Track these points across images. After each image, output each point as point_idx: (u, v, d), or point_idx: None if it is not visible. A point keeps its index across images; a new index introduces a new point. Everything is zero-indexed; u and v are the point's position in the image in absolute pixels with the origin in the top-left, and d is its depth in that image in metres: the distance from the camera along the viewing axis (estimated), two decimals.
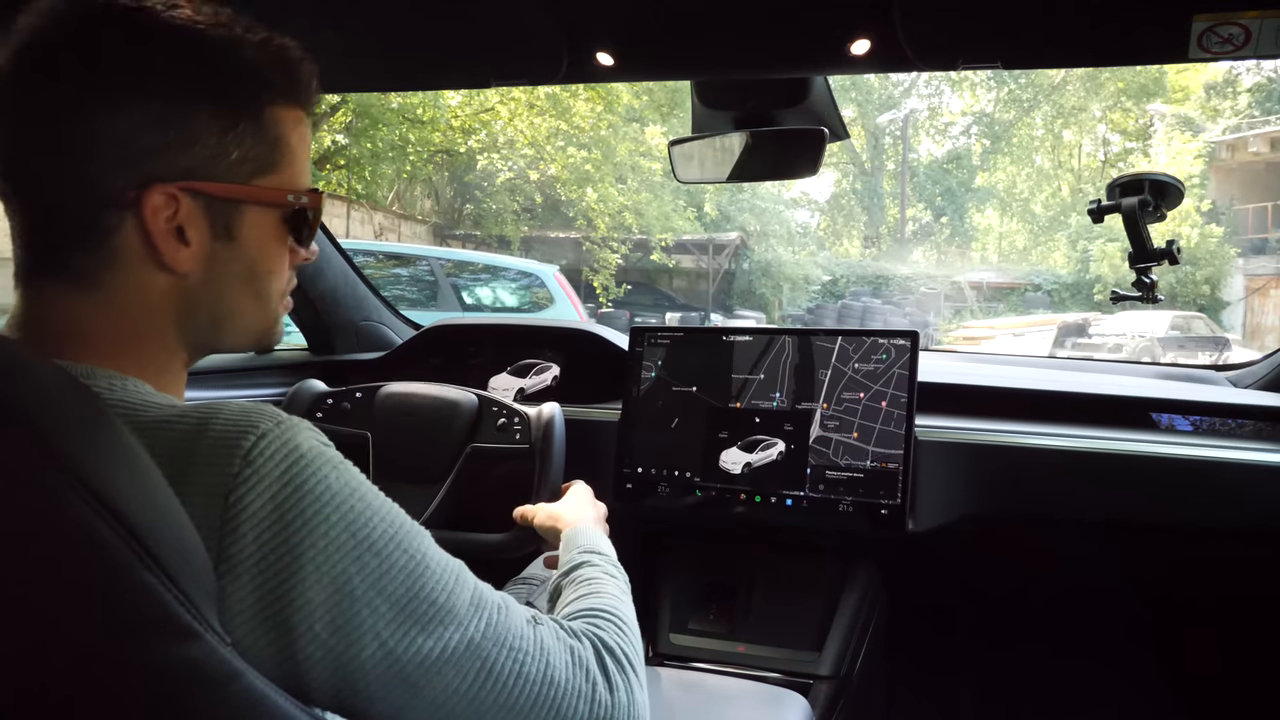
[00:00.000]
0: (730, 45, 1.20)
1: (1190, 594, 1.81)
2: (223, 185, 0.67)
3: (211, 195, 0.66)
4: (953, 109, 29.50)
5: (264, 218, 0.70)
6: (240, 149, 0.67)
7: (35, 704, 0.51)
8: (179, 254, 0.66)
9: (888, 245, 27.77)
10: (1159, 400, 1.62)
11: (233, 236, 0.69)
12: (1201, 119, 22.28)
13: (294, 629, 0.57)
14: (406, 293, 7.88)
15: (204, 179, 0.66)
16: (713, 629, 1.66)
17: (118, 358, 0.66)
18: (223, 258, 0.69)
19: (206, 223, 0.67)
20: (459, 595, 0.64)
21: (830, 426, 1.58)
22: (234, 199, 0.68)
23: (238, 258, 0.70)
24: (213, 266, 0.68)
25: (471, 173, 17.54)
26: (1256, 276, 18.24)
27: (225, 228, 0.68)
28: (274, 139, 0.69)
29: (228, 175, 0.67)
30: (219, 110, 0.66)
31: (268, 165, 0.69)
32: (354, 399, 1.62)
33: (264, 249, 0.71)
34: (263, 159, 0.69)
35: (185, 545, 0.54)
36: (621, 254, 16.86)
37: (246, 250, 0.70)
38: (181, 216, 0.65)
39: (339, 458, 0.62)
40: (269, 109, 0.69)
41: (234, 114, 0.66)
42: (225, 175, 0.67)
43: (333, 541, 0.58)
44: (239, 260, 0.70)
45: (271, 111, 0.69)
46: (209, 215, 0.67)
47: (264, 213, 0.70)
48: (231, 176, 0.67)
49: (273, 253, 0.72)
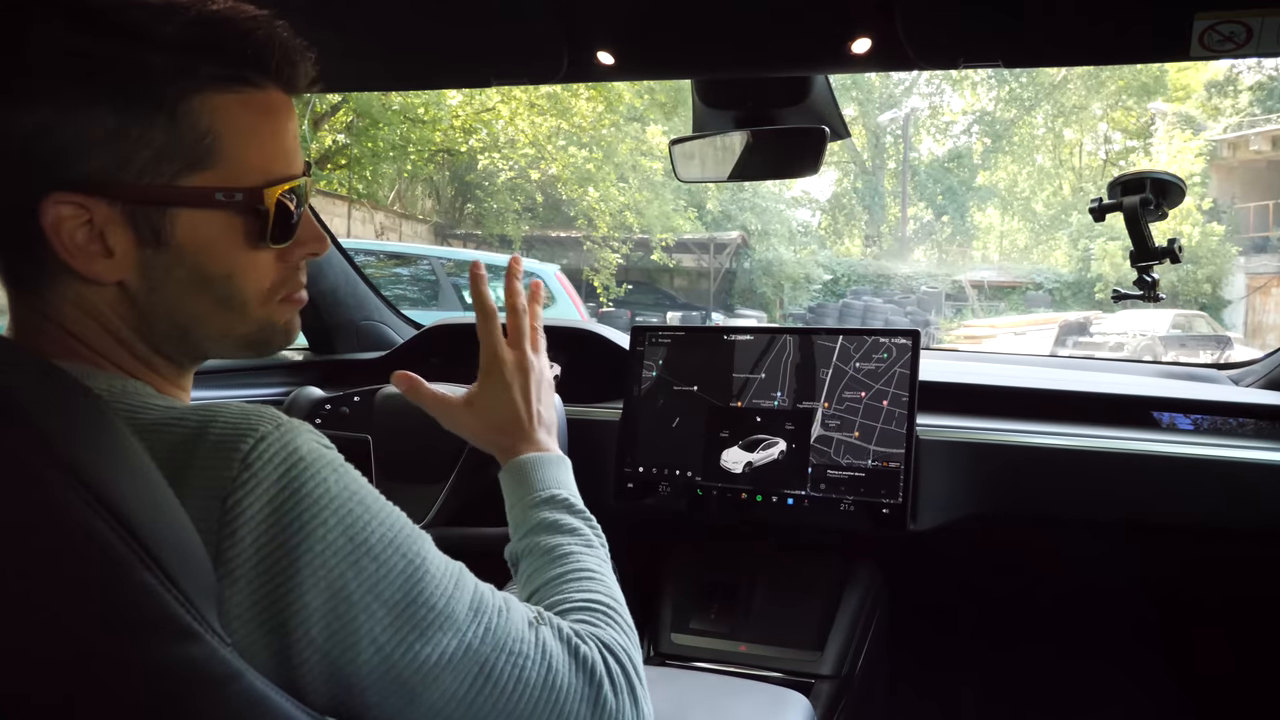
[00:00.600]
0: (731, 44, 1.20)
1: (1194, 593, 1.81)
2: (135, 188, 0.60)
3: (127, 200, 0.61)
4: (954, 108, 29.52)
5: (203, 219, 0.63)
6: (152, 148, 0.60)
7: (35, 704, 0.51)
8: (97, 264, 0.62)
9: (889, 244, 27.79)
10: (1161, 399, 1.62)
11: (164, 242, 0.63)
12: (1203, 117, 22.27)
13: (290, 633, 0.57)
14: (408, 292, 7.88)
15: (112, 183, 0.60)
16: (714, 628, 1.65)
17: (113, 359, 0.66)
18: (159, 264, 0.63)
19: (129, 229, 0.61)
20: (458, 600, 0.63)
21: (831, 426, 1.58)
22: (154, 202, 0.61)
23: (178, 264, 0.64)
24: (151, 274, 0.64)
25: (473, 172, 17.55)
26: (1258, 275, 18.24)
27: (153, 233, 0.62)
28: (201, 132, 0.62)
29: (142, 177, 0.60)
30: (124, 106, 0.59)
31: (196, 161, 0.62)
32: (352, 403, 1.62)
33: (212, 252, 0.64)
34: (189, 156, 0.61)
35: (185, 546, 0.54)
36: (622, 253, 16.87)
37: (186, 255, 0.64)
38: (99, 224, 0.60)
39: (339, 460, 0.61)
40: (192, 98, 0.61)
41: (144, 108, 0.60)
42: (139, 177, 0.60)
43: (330, 546, 0.58)
44: (180, 266, 0.64)
45: (196, 101, 0.61)
46: (130, 221, 0.61)
47: (200, 214, 0.63)
48: (147, 178, 0.61)
49: (226, 254, 0.65)
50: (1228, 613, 1.80)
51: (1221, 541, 1.64)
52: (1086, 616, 1.89)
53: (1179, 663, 1.82)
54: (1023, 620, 1.92)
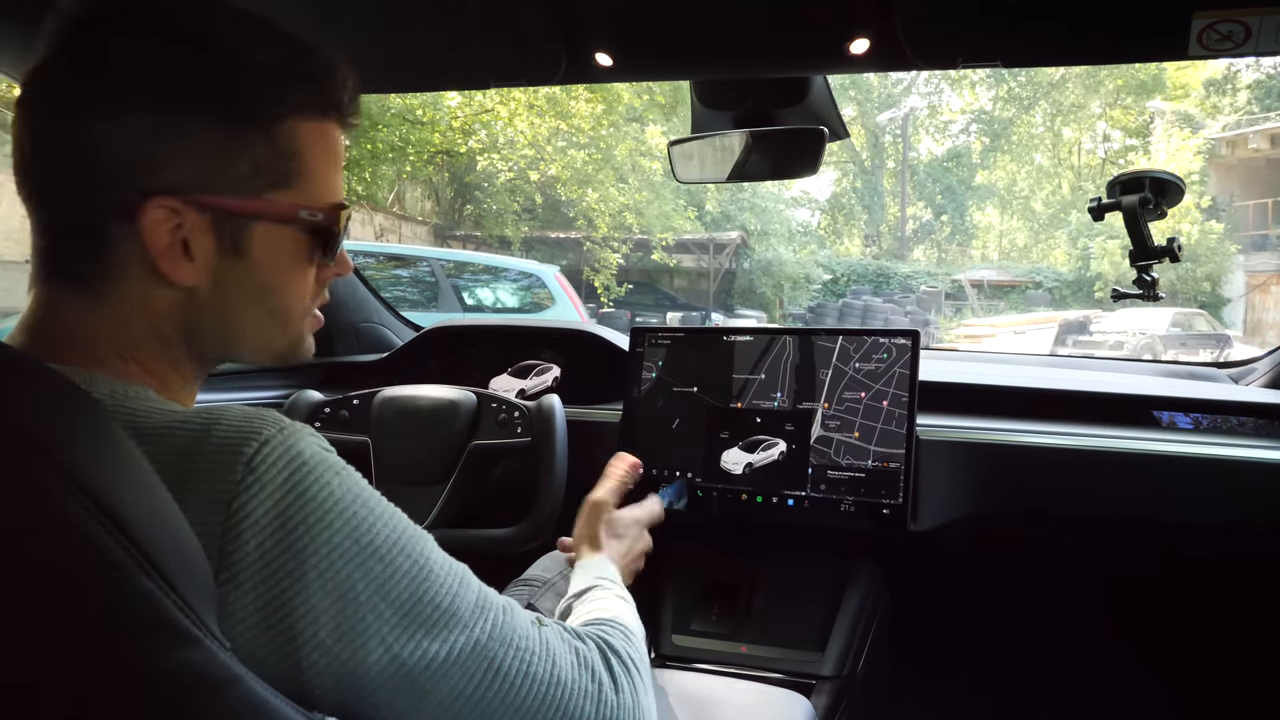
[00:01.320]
0: (729, 45, 1.20)
1: (1198, 593, 1.80)
2: (230, 200, 0.64)
3: (218, 209, 0.64)
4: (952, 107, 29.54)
5: (278, 233, 0.68)
6: (250, 162, 0.65)
7: (36, 708, 0.51)
8: (181, 269, 0.64)
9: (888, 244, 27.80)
10: (1161, 398, 1.62)
11: (242, 252, 0.66)
12: (1201, 116, 22.29)
13: (298, 635, 0.57)
14: (407, 294, 7.88)
15: (210, 192, 0.63)
16: (715, 630, 1.65)
17: (121, 364, 0.66)
18: (232, 273, 0.66)
19: (213, 237, 0.65)
20: (463, 598, 0.64)
21: (831, 426, 1.58)
22: (243, 214, 0.65)
23: (249, 274, 0.67)
24: (221, 282, 0.66)
25: (472, 173, 17.54)
26: (1257, 273, 18.24)
27: (234, 243, 0.66)
28: (289, 153, 0.66)
29: (236, 189, 0.64)
30: (227, 121, 0.63)
31: (282, 180, 0.67)
32: (351, 406, 1.62)
33: (277, 265, 0.68)
34: (276, 173, 0.66)
35: (184, 551, 0.54)
36: (622, 254, 16.87)
37: (258, 267, 0.67)
38: (186, 230, 0.63)
39: (341, 463, 0.62)
40: (285, 122, 0.66)
41: (244, 126, 0.64)
42: (233, 189, 0.64)
43: (336, 548, 0.58)
44: (250, 277, 0.67)
45: (288, 125, 0.66)
46: (216, 229, 0.65)
47: (277, 229, 0.67)
48: (240, 190, 0.65)
49: (289, 269, 0.69)
50: (1232, 611, 1.80)
51: (1215, 540, 1.64)
52: (1085, 615, 1.88)
53: (1179, 662, 1.82)
54: (1025, 620, 1.91)
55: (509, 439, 1.55)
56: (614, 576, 0.97)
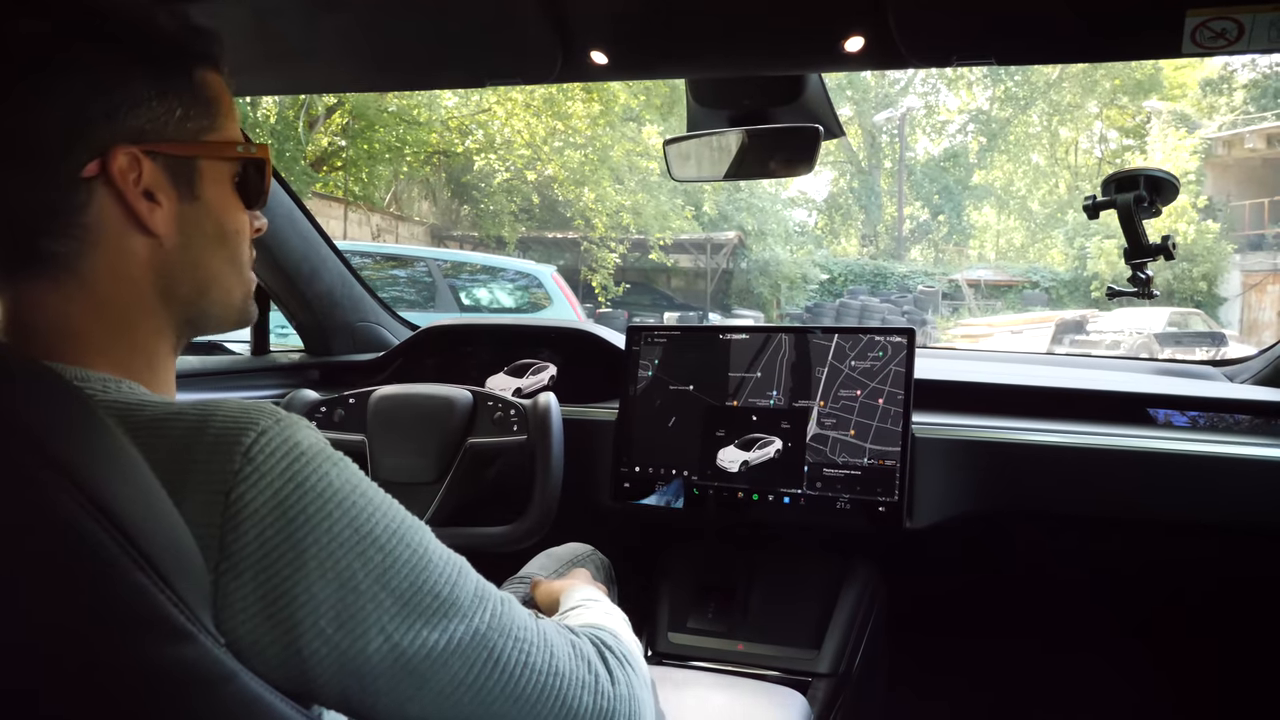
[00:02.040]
0: (724, 43, 1.20)
1: (1192, 589, 1.81)
2: (176, 144, 0.68)
3: (169, 155, 0.67)
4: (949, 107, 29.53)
5: (220, 174, 0.72)
6: (182, 107, 0.68)
7: (30, 705, 0.51)
8: (155, 214, 0.67)
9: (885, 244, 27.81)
10: (1156, 396, 1.62)
11: (196, 195, 0.70)
12: (1198, 115, 22.32)
13: (299, 625, 0.57)
14: (404, 294, 7.89)
15: (157, 139, 0.66)
16: (711, 628, 1.65)
17: (110, 355, 0.66)
18: (192, 218, 0.70)
19: (170, 183, 0.68)
20: (462, 588, 0.64)
21: (827, 424, 1.58)
22: (189, 156, 0.69)
23: (205, 217, 0.71)
24: (184, 229, 0.69)
25: (469, 174, 17.55)
26: (1253, 272, 18.27)
27: (189, 186, 0.69)
28: (209, 99, 0.71)
29: (178, 134, 0.68)
30: (151, 73, 0.66)
31: (210, 124, 0.70)
32: (347, 405, 1.62)
33: (226, 207, 0.72)
34: (203, 117, 0.70)
35: (179, 546, 0.54)
36: (619, 254, 16.86)
37: (212, 209, 0.71)
38: (146, 179, 0.66)
39: (338, 454, 0.62)
40: (196, 71, 0.70)
41: (166, 76, 0.67)
42: (175, 134, 0.68)
43: (336, 537, 0.58)
44: (208, 219, 0.71)
45: (200, 74, 0.70)
46: (171, 175, 0.68)
47: (219, 168, 0.71)
48: (182, 135, 0.68)
49: (235, 211, 0.73)
50: (1227, 608, 1.80)
51: (1209, 537, 1.65)
52: (1080, 612, 1.89)
53: (1173, 658, 1.83)
54: (1020, 617, 1.92)
55: (505, 437, 1.55)
56: (597, 596, 0.97)
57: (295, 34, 0.67)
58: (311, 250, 1.93)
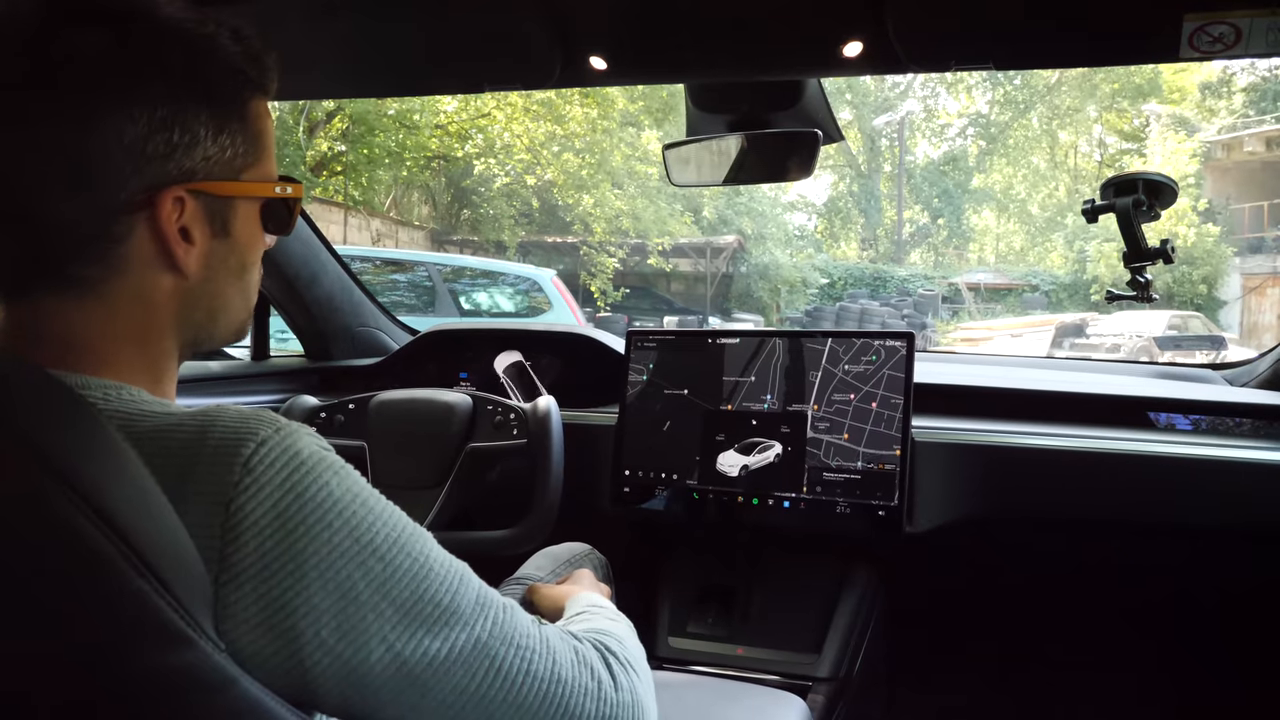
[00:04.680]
0: (722, 48, 1.20)
1: (1191, 593, 1.81)
2: (222, 184, 0.67)
3: (212, 194, 0.67)
4: (949, 111, 29.57)
5: (251, 210, 0.71)
6: (233, 146, 0.68)
7: (33, 710, 0.52)
8: (188, 255, 0.66)
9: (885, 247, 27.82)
10: (1156, 399, 1.62)
11: (228, 233, 0.69)
12: (1197, 119, 22.34)
13: (300, 635, 0.57)
14: (404, 298, 7.90)
15: (206, 179, 0.66)
16: (711, 632, 1.65)
17: (115, 364, 0.65)
18: (219, 254, 0.69)
19: (207, 221, 0.67)
20: (463, 596, 0.64)
21: (821, 428, 1.58)
22: (231, 196, 0.68)
23: (231, 252, 0.70)
24: (211, 264, 0.69)
25: (468, 178, 17.55)
26: (1253, 275, 18.27)
27: (223, 225, 0.69)
28: (256, 132, 0.70)
29: (224, 173, 0.67)
30: (214, 109, 0.66)
31: (254, 159, 0.70)
32: (347, 410, 1.62)
33: (252, 241, 0.72)
34: (249, 153, 0.69)
35: (180, 553, 0.54)
36: (619, 258, 16.86)
37: (238, 244, 0.71)
38: (186, 218, 0.65)
39: (340, 462, 0.62)
40: (250, 103, 0.69)
41: (226, 111, 0.67)
42: (223, 173, 0.67)
43: (336, 547, 0.58)
44: (233, 255, 0.71)
45: (251, 105, 0.69)
46: (208, 214, 0.67)
47: (251, 206, 0.71)
48: (228, 174, 0.68)
49: (258, 244, 0.73)
50: (1222, 612, 1.80)
51: (1209, 540, 1.65)
52: (1083, 616, 1.89)
53: (1172, 661, 1.83)
54: (1020, 620, 1.92)
55: (505, 441, 1.55)
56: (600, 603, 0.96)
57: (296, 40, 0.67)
58: (311, 255, 1.93)
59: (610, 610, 0.92)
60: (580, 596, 0.99)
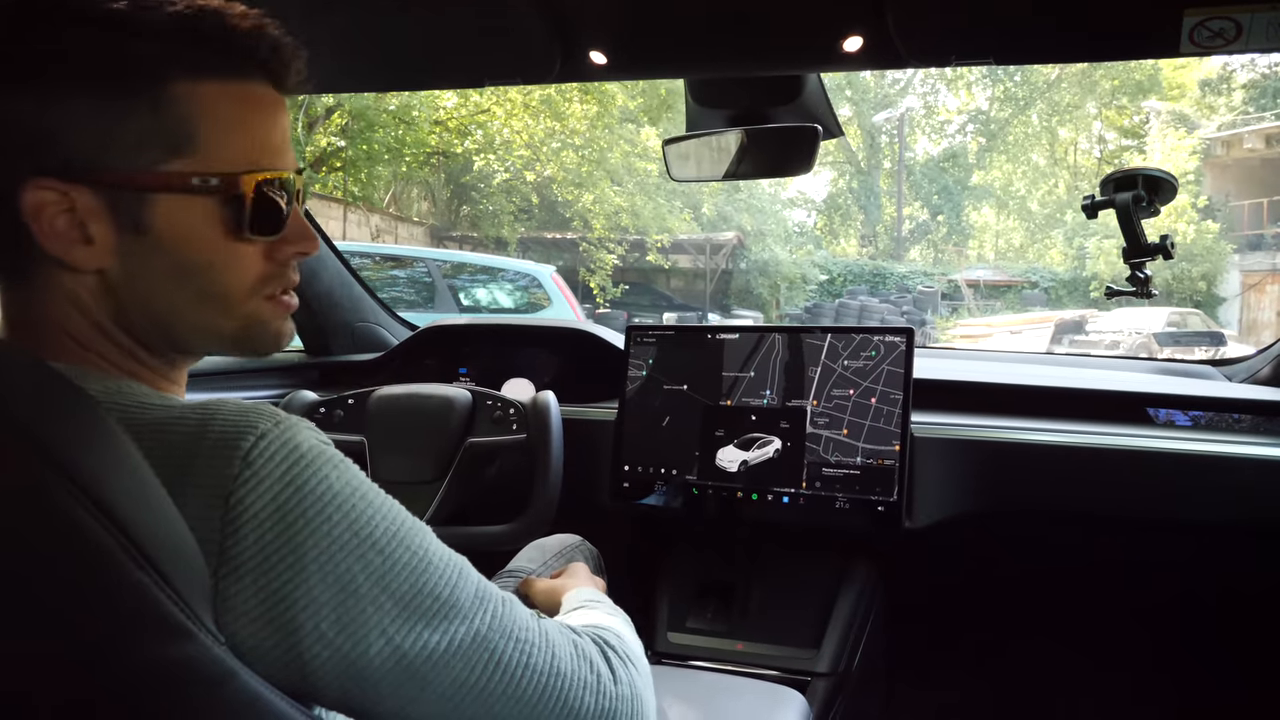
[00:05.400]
0: (722, 43, 1.20)
1: (1190, 588, 1.81)
2: (115, 174, 0.61)
3: (109, 185, 0.61)
4: (949, 107, 29.51)
5: (184, 206, 0.63)
6: (136, 133, 0.61)
7: (33, 703, 0.52)
8: (77, 251, 0.62)
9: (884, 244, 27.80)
10: (1155, 395, 1.62)
11: (143, 229, 0.62)
12: (1197, 115, 22.33)
13: (299, 629, 0.57)
14: (404, 294, 7.89)
15: (94, 169, 0.60)
16: (711, 627, 1.66)
17: (107, 357, 0.66)
18: (139, 252, 0.63)
19: (110, 216, 0.61)
20: (463, 589, 0.64)
21: (820, 424, 1.58)
22: (135, 188, 0.61)
23: (157, 252, 0.63)
24: (130, 263, 0.63)
25: (468, 174, 17.53)
26: (1252, 272, 18.27)
27: (133, 220, 0.62)
28: (181, 118, 0.62)
29: (123, 163, 0.61)
30: (106, 93, 0.60)
31: (175, 148, 0.62)
32: (346, 405, 1.62)
33: (190, 241, 0.64)
34: (167, 142, 0.62)
35: (179, 545, 0.55)
36: (618, 254, 16.85)
37: (165, 244, 0.63)
38: (81, 211, 0.61)
39: (339, 456, 0.62)
40: (174, 85, 0.62)
41: (125, 94, 0.60)
42: (120, 163, 0.61)
43: (335, 540, 0.58)
44: (159, 255, 0.63)
45: (179, 89, 0.62)
46: (111, 208, 0.61)
47: (182, 201, 0.63)
48: (129, 164, 0.61)
49: (205, 244, 0.64)
50: (1220, 606, 1.80)
51: (1217, 536, 1.65)
52: (1079, 611, 1.89)
53: (1171, 656, 1.83)
54: (1019, 616, 1.92)
55: (504, 436, 1.55)
56: (597, 597, 0.96)
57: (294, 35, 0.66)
58: None
59: (607, 605, 0.92)
60: (578, 591, 0.99)
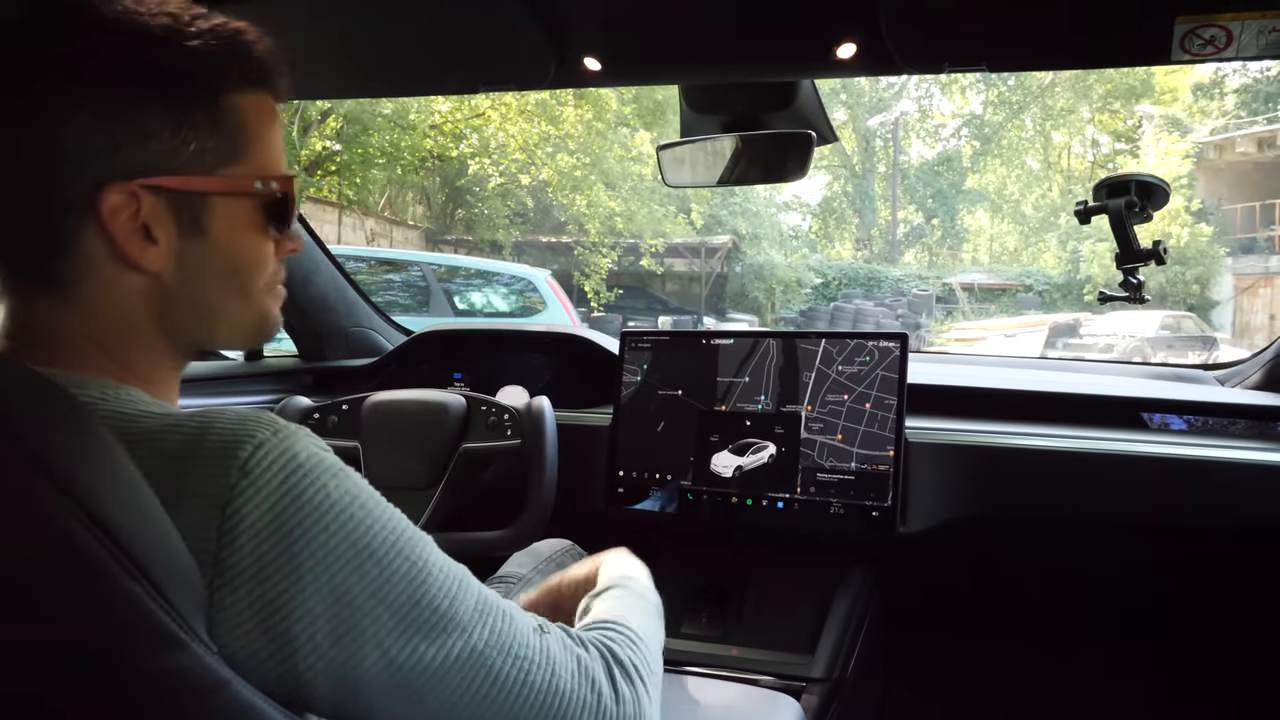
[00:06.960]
0: (716, 49, 1.21)
1: (1185, 591, 1.82)
2: (183, 179, 0.65)
3: (174, 190, 0.64)
4: (943, 111, 29.62)
5: (235, 209, 0.68)
6: (198, 140, 0.65)
7: (25, 712, 0.51)
8: (145, 253, 0.64)
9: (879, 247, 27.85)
10: (1148, 400, 1.63)
11: (203, 232, 0.66)
12: (1189, 120, 22.43)
13: (294, 639, 0.57)
14: (399, 298, 7.88)
15: (162, 174, 0.64)
16: (705, 632, 1.65)
17: (107, 365, 0.65)
18: (196, 254, 0.67)
19: (173, 219, 0.65)
20: (462, 602, 0.63)
21: (815, 429, 1.59)
22: (198, 192, 0.66)
23: (212, 253, 0.68)
24: (186, 264, 0.66)
25: (463, 178, 17.53)
26: (1245, 276, 18.33)
27: (194, 223, 0.66)
28: (234, 127, 0.67)
29: (188, 168, 0.65)
30: (170, 103, 0.64)
31: (231, 155, 0.67)
32: (341, 411, 1.61)
33: (239, 242, 0.69)
34: (224, 149, 0.67)
35: (173, 555, 0.54)
36: (613, 258, 16.85)
37: (220, 245, 0.68)
38: (145, 214, 0.63)
39: (338, 465, 0.61)
40: (225, 97, 0.67)
41: (187, 105, 0.65)
42: (185, 168, 0.65)
43: (332, 551, 0.58)
44: (214, 256, 0.68)
45: (229, 99, 0.67)
46: (174, 211, 0.65)
47: (234, 204, 0.68)
48: (192, 169, 0.65)
49: (251, 245, 0.70)
50: (1221, 610, 1.81)
51: (1200, 540, 1.65)
52: (1074, 616, 1.89)
53: (1172, 660, 1.83)
54: (1014, 621, 1.92)
55: (499, 441, 1.55)
56: (636, 573, 0.93)
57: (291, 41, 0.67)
58: (305, 255, 1.93)
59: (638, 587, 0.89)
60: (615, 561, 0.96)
